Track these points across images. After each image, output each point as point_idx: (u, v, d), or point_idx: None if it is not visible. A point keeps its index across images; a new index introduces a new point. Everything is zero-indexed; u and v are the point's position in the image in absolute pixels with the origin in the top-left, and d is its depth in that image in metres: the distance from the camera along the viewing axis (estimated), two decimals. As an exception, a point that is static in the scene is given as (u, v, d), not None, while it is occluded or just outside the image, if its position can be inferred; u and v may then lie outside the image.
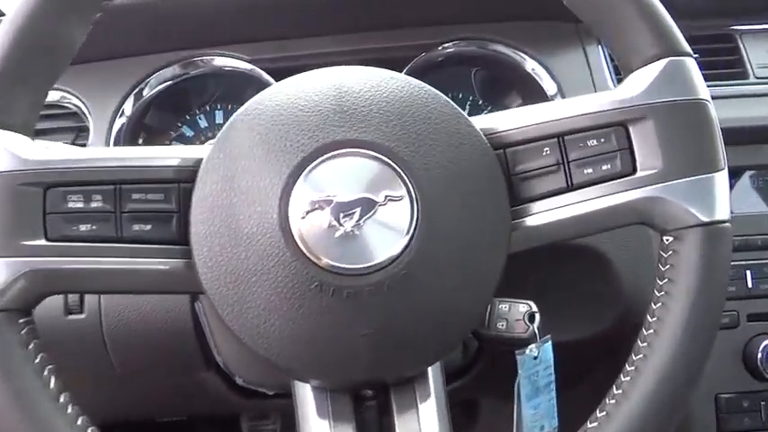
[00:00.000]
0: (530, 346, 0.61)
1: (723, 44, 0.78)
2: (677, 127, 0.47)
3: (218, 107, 0.82)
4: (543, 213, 0.48)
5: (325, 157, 0.45)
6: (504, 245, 0.47)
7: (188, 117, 0.83)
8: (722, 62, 0.77)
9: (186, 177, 0.47)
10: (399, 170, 0.45)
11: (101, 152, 0.55)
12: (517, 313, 0.62)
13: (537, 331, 0.60)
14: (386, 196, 0.45)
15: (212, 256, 0.45)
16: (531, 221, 0.49)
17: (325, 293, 0.44)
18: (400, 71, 0.56)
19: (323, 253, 0.44)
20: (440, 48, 0.80)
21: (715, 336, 0.46)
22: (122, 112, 0.78)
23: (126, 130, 0.78)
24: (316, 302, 0.44)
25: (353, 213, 0.44)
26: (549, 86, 0.75)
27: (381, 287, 0.44)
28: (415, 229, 0.45)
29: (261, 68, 0.77)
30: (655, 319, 0.46)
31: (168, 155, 0.49)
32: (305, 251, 0.44)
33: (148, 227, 0.47)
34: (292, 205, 0.44)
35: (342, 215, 0.44)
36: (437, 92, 0.49)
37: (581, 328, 0.73)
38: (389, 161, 0.45)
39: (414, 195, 0.45)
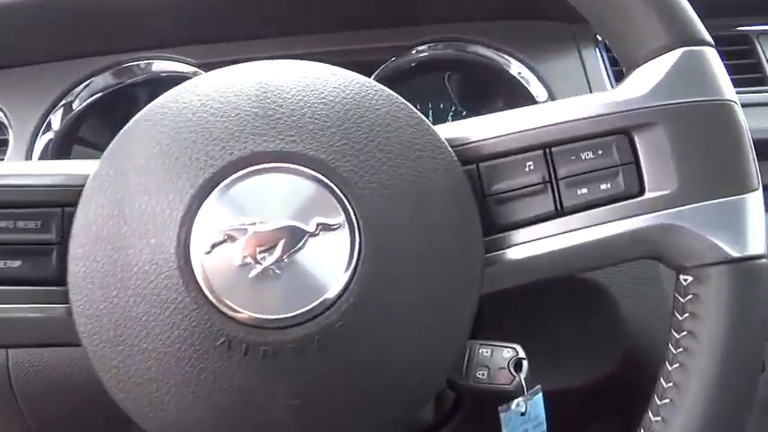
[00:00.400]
0: (516, 400, 0.51)
1: (738, 46, 0.68)
2: (696, 136, 0.37)
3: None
4: (525, 245, 0.38)
5: (241, 173, 0.35)
6: (475, 285, 0.37)
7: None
8: (737, 66, 0.68)
9: (70, 200, 0.37)
10: (337, 190, 0.35)
11: None
12: (501, 360, 0.52)
13: (524, 382, 0.50)
14: (318, 224, 0.34)
15: (92, 302, 0.35)
16: (509, 255, 0.38)
17: (236, 352, 0.34)
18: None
19: (233, 299, 0.34)
20: (413, 51, 0.70)
21: (751, 408, 0.35)
22: (49, 125, 0.68)
23: (55, 146, 0.68)
24: (223, 365, 0.34)
25: (275, 247, 0.34)
26: (538, 92, 0.66)
27: (310, 343, 0.34)
28: (356, 266, 0.34)
29: None
30: (670, 385, 0.36)
31: (50, 171, 0.38)
32: (210, 296, 0.34)
33: (17, 263, 0.36)
34: (195, 236, 0.34)
35: (260, 249, 0.34)
36: (390, 92, 0.39)
37: (578, 374, 0.62)
38: (324, 179, 0.35)
39: (355, 223, 0.35)
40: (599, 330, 0.60)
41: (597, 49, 0.68)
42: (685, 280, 0.36)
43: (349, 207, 0.35)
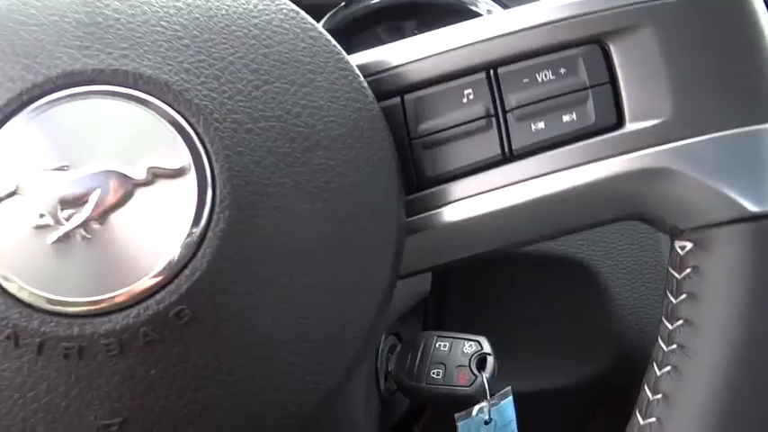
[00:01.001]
0: (477, 406, 0.40)
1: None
2: (698, 42, 0.26)
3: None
4: (463, 203, 0.28)
5: (46, 100, 0.25)
6: (388, 260, 0.26)
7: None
8: None
9: None
10: (182, 122, 0.25)
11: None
12: (460, 356, 0.42)
13: (488, 383, 0.40)
14: (151, 169, 0.25)
15: None
16: (444, 216, 0.28)
17: (27, 351, 0.23)
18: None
19: (24, 274, 0.23)
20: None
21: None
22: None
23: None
24: (8, 367, 0.23)
25: (85, 201, 0.24)
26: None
27: (134, 339, 0.23)
28: (205, 229, 0.24)
29: None
30: (658, 397, 0.25)
31: None
32: None
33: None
34: None
35: (63, 205, 0.24)
36: None
37: (561, 373, 0.52)
38: (165, 106, 0.25)
39: (207, 167, 0.25)
40: (586, 319, 0.49)
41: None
42: (682, 247, 0.26)
43: (199, 145, 0.25)
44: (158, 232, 0.24)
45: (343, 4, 0.57)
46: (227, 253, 0.24)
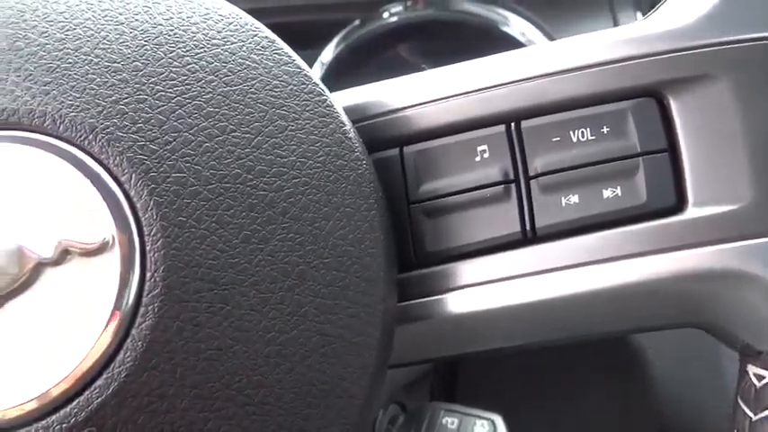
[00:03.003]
0: None
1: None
2: None
3: None
4: (471, 291, 0.22)
5: None
6: (371, 363, 0.20)
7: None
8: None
9: None
10: (108, 180, 0.19)
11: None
12: None
13: None
14: (61, 244, 0.19)
15: None
16: (445, 306, 0.22)
17: None
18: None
19: None
20: (383, 12, 0.53)
21: None
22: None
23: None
24: None
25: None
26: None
27: None
28: (128, 325, 0.18)
29: None
30: None
31: None
32: None
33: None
34: None
35: None
36: (247, 17, 0.23)
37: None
38: (87, 159, 0.19)
39: (138, 244, 0.19)
40: (621, 401, 0.43)
41: (640, 13, 0.50)
42: (760, 377, 0.19)
43: (128, 212, 0.19)
44: (67, 328, 0.18)
45: (357, 22, 0.52)
46: (155, 359, 0.19)
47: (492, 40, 0.52)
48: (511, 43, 0.51)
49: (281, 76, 0.22)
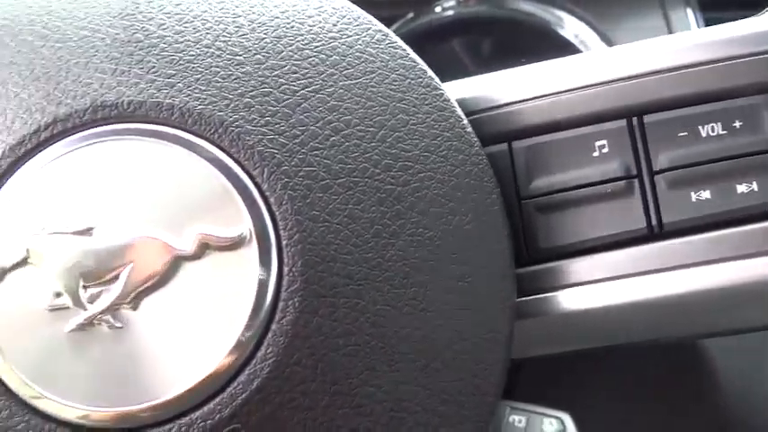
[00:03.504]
0: None
1: None
2: None
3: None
4: (588, 288, 0.22)
5: (69, 140, 0.19)
6: (499, 362, 0.20)
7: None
8: None
9: None
10: (243, 176, 0.19)
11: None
12: None
13: None
14: (200, 238, 0.19)
15: None
16: (558, 303, 0.22)
17: None
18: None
19: (34, 373, 0.18)
20: (436, 6, 0.53)
21: None
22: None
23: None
24: None
25: (116, 279, 0.19)
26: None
27: None
28: (268, 321, 0.18)
29: None
30: None
31: None
32: None
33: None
34: None
35: (87, 282, 0.18)
36: (359, 11, 0.23)
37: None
38: (221, 155, 0.19)
39: (273, 238, 0.19)
40: (687, 397, 0.42)
41: (690, 9, 0.50)
42: None
43: (263, 206, 0.19)
44: (207, 324, 0.18)
45: (410, 15, 0.52)
46: (296, 354, 0.18)
47: (543, 41, 0.51)
48: (562, 44, 0.51)
49: (398, 70, 0.22)
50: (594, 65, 0.23)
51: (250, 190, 0.19)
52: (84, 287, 0.18)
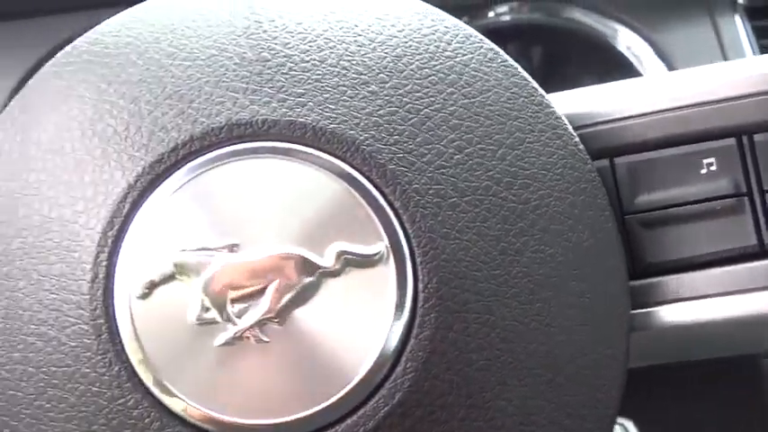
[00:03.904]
0: None
1: None
2: None
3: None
4: (695, 304, 0.22)
5: (208, 158, 0.20)
6: (618, 378, 0.21)
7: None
8: None
9: None
10: (377, 195, 0.20)
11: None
12: None
13: None
14: (341, 254, 0.20)
15: None
16: (663, 317, 0.22)
17: None
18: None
19: (184, 384, 0.19)
20: (490, 13, 0.53)
21: None
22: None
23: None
24: None
25: (262, 293, 0.19)
26: (655, 71, 0.49)
27: None
28: (406, 336, 0.19)
29: None
30: None
31: None
32: (144, 377, 0.19)
33: None
34: (124, 266, 0.19)
35: (234, 295, 0.19)
36: (470, 30, 0.23)
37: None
38: (356, 174, 0.20)
39: (407, 255, 0.19)
40: (742, 406, 0.43)
41: (738, 16, 0.50)
42: None
43: (396, 224, 0.20)
44: (348, 338, 0.19)
45: (465, 20, 0.52)
46: (434, 369, 0.19)
47: (595, 51, 0.52)
48: (614, 56, 0.51)
49: (511, 88, 0.23)
50: (702, 83, 0.23)
51: (384, 208, 0.20)
52: (232, 302, 0.19)
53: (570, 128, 0.22)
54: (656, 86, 0.24)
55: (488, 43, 0.23)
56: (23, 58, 0.55)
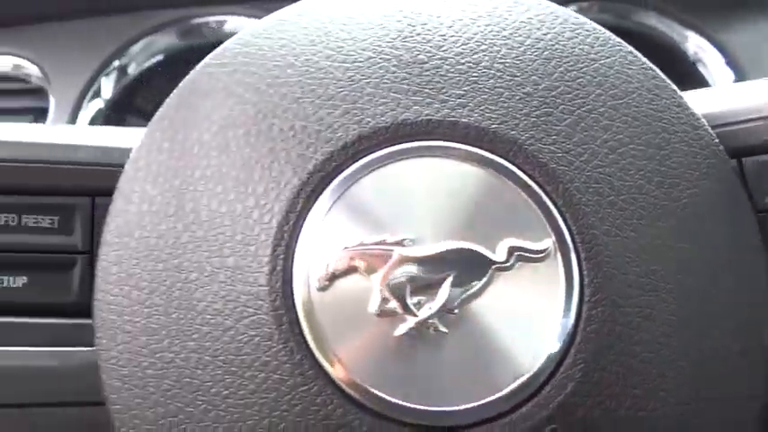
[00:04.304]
0: None
1: None
2: None
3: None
4: None
5: (377, 156, 0.21)
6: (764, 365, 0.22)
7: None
8: None
9: (104, 186, 0.24)
10: (540, 193, 0.21)
11: None
12: None
13: None
14: (512, 249, 0.20)
15: (129, 354, 0.21)
16: None
17: None
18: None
19: (367, 373, 0.20)
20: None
21: None
22: (98, 90, 0.56)
23: (105, 116, 0.56)
24: None
25: (439, 286, 0.20)
26: (722, 78, 0.49)
27: None
28: (575, 329, 0.20)
29: None
30: None
31: (77, 140, 0.25)
32: (326, 365, 0.20)
33: (21, 281, 0.24)
34: (302, 258, 0.20)
35: (412, 288, 0.20)
36: (608, 33, 0.24)
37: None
38: (519, 173, 0.21)
39: (572, 250, 0.20)
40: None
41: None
42: None
43: (561, 222, 0.21)
44: (520, 330, 0.20)
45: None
46: (602, 360, 0.20)
47: (661, 54, 0.52)
48: (680, 59, 0.52)
49: (653, 90, 0.23)
50: None
51: (548, 205, 0.20)
52: (411, 293, 0.19)
53: (710, 129, 0.23)
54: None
55: (626, 46, 0.24)
56: (92, 56, 0.56)
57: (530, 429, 0.19)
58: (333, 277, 0.20)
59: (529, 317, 0.20)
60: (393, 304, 0.19)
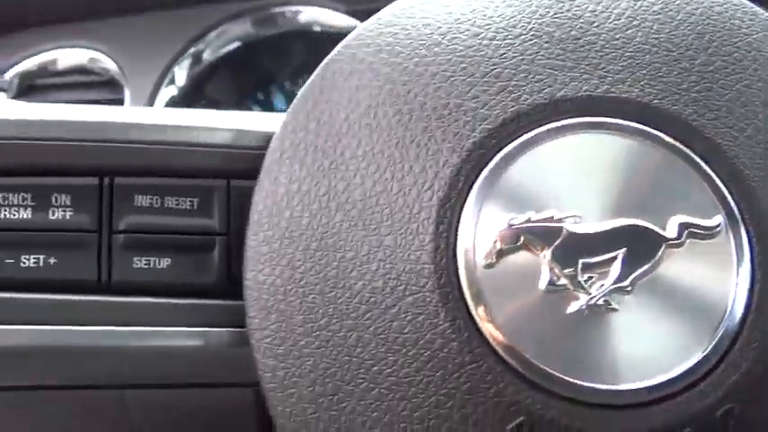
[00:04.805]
0: None
1: None
2: None
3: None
4: None
5: (537, 133, 0.21)
6: None
7: (262, 92, 0.60)
8: None
9: (242, 168, 0.24)
10: (708, 170, 0.20)
11: (72, 112, 0.26)
12: None
13: None
14: (682, 226, 0.20)
15: (284, 333, 0.21)
16: None
17: None
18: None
19: (538, 351, 0.19)
20: None
21: None
22: (172, 78, 0.57)
23: (177, 103, 0.57)
24: None
25: (610, 263, 0.20)
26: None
27: None
28: (748, 306, 0.20)
29: None
30: None
31: (212, 124, 0.26)
32: (494, 344, 0.19)
33: (166, 262, 0.24)
34: (465, 235, 0.20)
35: (583, 265, 0.20)
36: (757, 8, 0.24)
37: None
38: (686, 150, 0.20)
39: (742, 227, 0.20)
40: None
41: None
42: None
43: (730, 199, 0.20)
44: (692, 308, 0.19)
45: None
46: None
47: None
48: None
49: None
50: None
51: (716, 181, 0.20)
52: (582, 271, 0.19)
53: None
54: None
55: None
56: (166, 47, 0.57)
57: (706, 408, 0.19)
58: (500, 254, 0.19)
59: (701, 295, 0.19)
60: (563, 281, 0.19)
